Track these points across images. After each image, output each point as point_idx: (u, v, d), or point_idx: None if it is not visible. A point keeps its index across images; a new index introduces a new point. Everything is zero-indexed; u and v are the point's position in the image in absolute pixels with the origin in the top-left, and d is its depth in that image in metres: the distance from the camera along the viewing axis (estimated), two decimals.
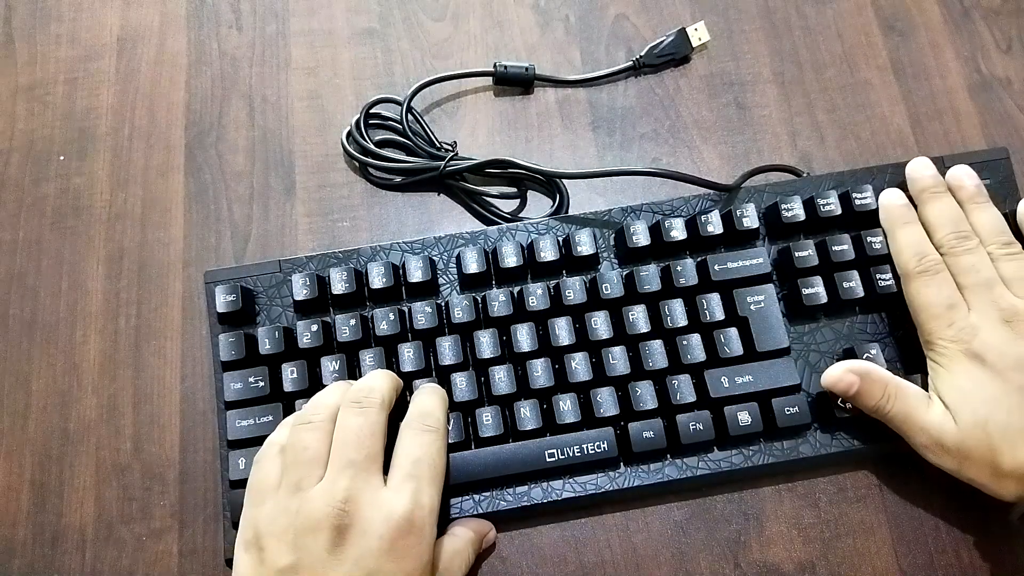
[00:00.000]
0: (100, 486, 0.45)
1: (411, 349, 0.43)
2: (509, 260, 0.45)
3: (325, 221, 0.50)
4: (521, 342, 0.43)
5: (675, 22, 0.55)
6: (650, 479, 0.43)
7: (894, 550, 0.44)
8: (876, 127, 0.52)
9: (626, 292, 0.44)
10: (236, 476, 0.42)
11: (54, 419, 0.46)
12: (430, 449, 0.37)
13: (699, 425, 0.42)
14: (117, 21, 0.55)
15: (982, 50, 0.54)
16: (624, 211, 0.47)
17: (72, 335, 0.48)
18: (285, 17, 0.55)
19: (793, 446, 0.43)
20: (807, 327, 0.45)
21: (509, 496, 0.42)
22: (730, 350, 0.43)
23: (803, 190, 0.47)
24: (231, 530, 0.42)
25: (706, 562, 0.43)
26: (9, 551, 0.44)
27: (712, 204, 0.47)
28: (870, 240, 0.45)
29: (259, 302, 0.46)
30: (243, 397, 0.43)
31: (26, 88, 0.53)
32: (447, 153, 0.50)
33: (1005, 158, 0.47)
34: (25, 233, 0.50)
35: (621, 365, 0.43)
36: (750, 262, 0.45)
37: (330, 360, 0.43)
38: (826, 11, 0.55)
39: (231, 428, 0.42)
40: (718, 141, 0.52)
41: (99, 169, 0.52)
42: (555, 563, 0.44)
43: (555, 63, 0.54)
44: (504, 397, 0.43)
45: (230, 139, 0.52)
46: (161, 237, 0.50)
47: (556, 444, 0.42)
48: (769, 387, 0.43)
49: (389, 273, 0.45)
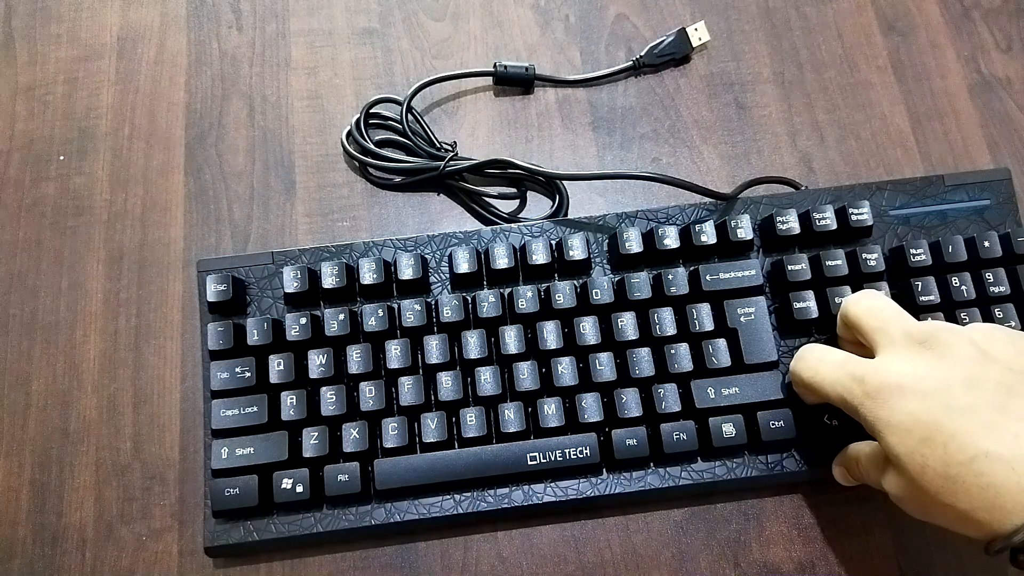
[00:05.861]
0: (100, 486, 0.45)
1: (398, 346, 0.43)
2: (500, 262, 0.45)
3: (325, 221, 0.50)
4: (508, 344, 0.43)
5: (675, 22, 0.55)
6: (632, 487, 0.43)
7: (894, 550, 0.44)
8: (876, 127, 0.52)
9: (616, 299, 0.44)
10: (218, 465, 0.42)
11: (54, 419, 0.46)
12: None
13: (683, 435, 0.42)
14: (117, 21, 0.55)
15: (982, 50, 0.54)
16: (619, 217, 0.47)
17: (72, 335, 0.48)
18: (285, 17, 0.55)
19: (777, 460, 0.43)
20: (797, 341, 0.45)
21: (490, 497, 0.42)
22: (718, 361, 0.43)
23: (800, 203, 0.47)
24: (211, 519, 0.42)
25: (706, 562, 0.43)
26: (9, 551, 0.44)
27: (708, 213, 0.47)
28: (864, 256, 0.44)
29: (251, 293, 0.46)
30: (229, 387, 0.43)
31: (26, 88, 0.53)
32: (447, 153, 0.50)
33: (1007, 179, 0.47)
34: (25, 233, 0.50)
35: (607, 371, 0.43)
36: (742, 273, 0.45)
37: (317, 354, 0.43)
38: (826, 11, 0.55)
39: (215, 417, 0.42)
40: (718, 141, 0.52)
41: (99, 169, 0.52)
42: (555, 563, 0.44)
43: (555, 63, 0.54)
44: (489, 398, 0.43)
45: (230, 139, 0.52)
46: (161, 237, 0.50)
47: (539, 448, 0.42)
48: (755, 400, 0.43)
49: (380, 269, 0.45)
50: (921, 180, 0.47)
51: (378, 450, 0.43)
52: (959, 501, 0.33)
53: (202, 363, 0.45)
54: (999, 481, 0.32)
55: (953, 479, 0.33)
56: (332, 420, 0.43)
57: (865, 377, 0.36)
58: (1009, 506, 0.31)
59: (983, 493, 0.32)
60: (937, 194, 0.47)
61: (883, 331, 0.38)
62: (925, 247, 0.44)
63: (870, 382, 0.36)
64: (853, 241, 0.46)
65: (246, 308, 0.45)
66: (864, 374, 0.36)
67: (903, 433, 0.34)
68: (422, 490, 0.42)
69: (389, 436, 0.42)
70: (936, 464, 0.33)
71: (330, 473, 0.42)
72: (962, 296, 0.44)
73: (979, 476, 0.32)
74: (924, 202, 0.47)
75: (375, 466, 0.42)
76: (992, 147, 0.52)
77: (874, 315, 0.39)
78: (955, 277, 0.44)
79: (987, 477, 0.32)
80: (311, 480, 0.42)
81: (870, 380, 0.36)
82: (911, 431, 0.34)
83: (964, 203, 0.47)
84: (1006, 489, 0.31)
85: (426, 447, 0.42)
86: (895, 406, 0.35)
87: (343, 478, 0.42)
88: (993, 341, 0.36)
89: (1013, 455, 0.32)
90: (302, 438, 0.42)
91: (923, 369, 0.35)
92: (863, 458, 0.39)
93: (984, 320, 0.44)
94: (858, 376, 0.37)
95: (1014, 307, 0.44)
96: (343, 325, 0.44)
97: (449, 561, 0.44)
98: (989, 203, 0.46)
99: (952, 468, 0.33)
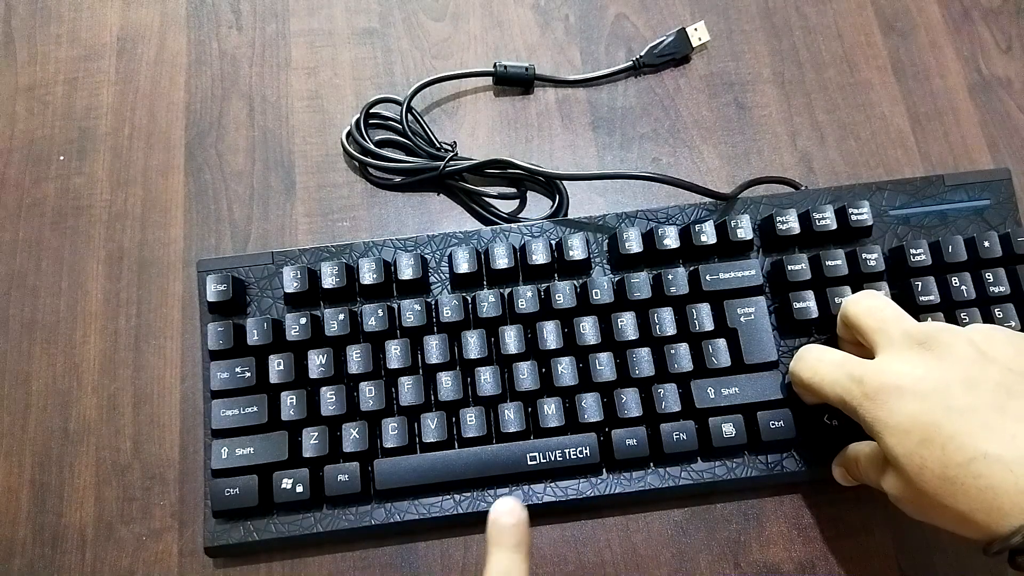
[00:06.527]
0: (100, 486, 0.45)
1: (398, 346, 0.43)
2: (500, 262, 0.45)
3: (325, 221, 0.50)
4: (508, 344, 0.43)
5: (675, 22, 0.55)
6: (632, 487, 0.43)
7: (894, 550, 0.44)
8: (876, 127, 0.52)
9: (616, 299, 0.44)
10: (218, 465, 0.42)
11: (54, 419, 0.46)
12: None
13: (683, 435, 0.42)
14: (117, 21, 0.55)
15: (982, 50, 0.54)
16: (619, 217, 0.47)
17: (72, 335, 0.48)
18: (285, 17, 0.55)
19: (777, 460, 0.43)
20: (797, 341, 0.45)
21: (490, 497, 0.42)
22: (717, 361, 0.43)
23: (800, 203, 0.47)
24: (211, 519, 0.42)
25: (706, 562, 0.43)
26: (9, 551, 0.44)
27: (708, 213, 0.47)
28: (864, 256, 0.44)
29: (250, 293, 0.46)
30: (229, 387, 0.43)
31: (26, 88, 0.53)
32: (447, 153, 0.50)
33: (1007, 179, 0.47)
34: (25, 233, 0.50)
35: (607, 371, 0.43)
36: (742, 273, 0.44)
37: (317, 354, 0.43)
38: (826, 11, 0.55)
39: (215, 417, 0.42)
40: (718, 141, 0.52)
41: (99, 169, 0.52)
42: (555, 563, 0.44)
43: (555, 63, 0.54)
44: (489, 398, 0.43)
45: (230, 139, 0.52)
46: (161, 237, 0.50)
47: (538, 448, 0.42)
48: (755, 400, 0.43)
49: (380, 269, 0.45)
50: (921, 180, 0.47)
51: (378, 450, 0.43)
52: (957, 503, 0.33)
53: (202, 363, 0.45)
54: (997, 483, 0.32)
55: (951, 480, 0.33)
56: (332, 420, 0.43)
57: (864, 378, 0.36)
58: (1007, 508, 0.31)
59: (981, 495, 0.32)
60: (937, 194, 0.47)
61: (882, 331, 0.38)
62: (925, 247, 0.44)
63: (869, 383, 0.36)
64: (853, 241, 0.46)
65: (246, 308, 0.45)
66: (863, 375, 0.36)
67: (902, 434, 0.34)
68: (422, 490, 0.42)
69: (389, 436, 0.42)
70: (934, 465, 0.33)
71: (330, 473, 0.42)
72: (962, 296, 0.44)
73: (977, 478, 0.32)
74: (924, 202, 0.47)
75: (375, 466, 0.42)
76: (992, 147, 0.52)
77: (873, 315, 0.39)
78: (955, 277, 0.44)
79: (985, 479, 0.32)
80: (311, 480, 0.42)
81: (869, 381, 0.36)
82: (910, 432, 0.34)
83: (964, 203, 0.47)
84: (1004, 491, 0.31)
85: (426, 447, 0.42)
86: (894, 407, 0.35)
87: (343, 478, 0.42)
88: (992, 342, 0.36)
89: (1011, 457, 0.32)
90: (302, 438, 0.42)
91: (922, 370, 0.35)
92: (863, 458, 0.39)
93: (984, 320, 0.44)
94: (857, 377, 0.36)
95: (1014, 307, 0.44)
96: (343, 325, 0.44)
97: (449, 561, 0.44)
98: (989, 203, 0.46)
99: (950, 469, 0.33)
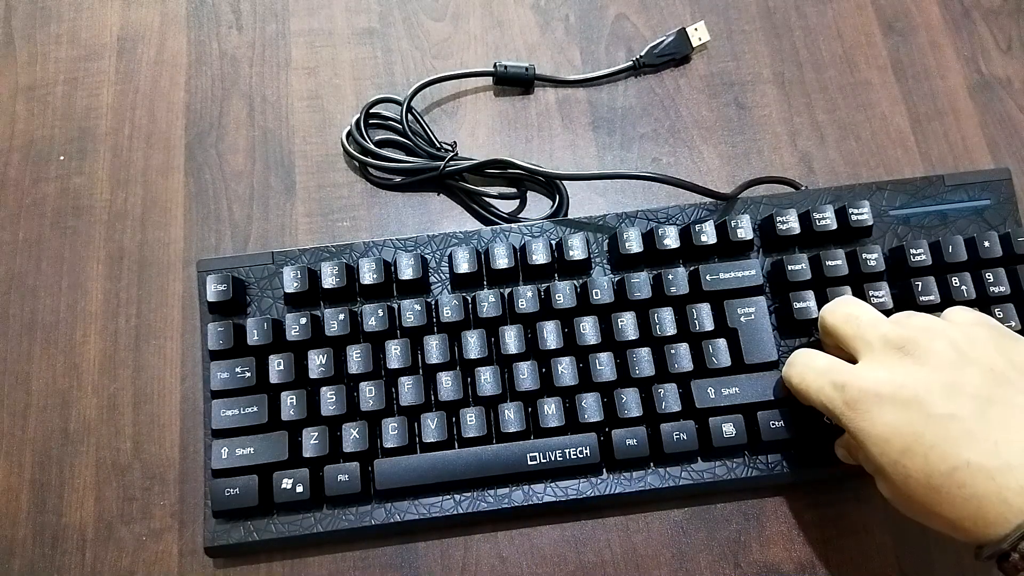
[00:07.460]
0: (100, 486, 0.45)
1: (398, 346, 0.43)
2: (500, 262, 0.45)
3: (325, 221, 0.50)
4: (508, 344, 0.43)
5: (675, 22, 0.55)
6: (632, 487, 0.43)
7: (894, 550, 0.44)
8: (876, 127, 0.52)
9: (616, 299, 0.44)
10: (218, 465, 0.42)
11: (54, 419, 0.46)
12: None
13: (683, 435, 0.42)
14: (117, 21, 0.55)
15: (982, 50, 0.54)
16: (619, 217, 0.47)
17: (72, 335, 0.48)
18: (285, 17, 0.55)
19: (777, 460, 0.43)
20: (797, 342, 0.45)
21: (490, 497, 0.42)
22: (718, 361, 0.43)
23: (800, 203, 0.47)
24: (211, 519, 0.42)
25: (706, 562, 0.43)
26: (9, 551, 0.44)
27: (708, 213, 0.47)
28: (865, 256, 0.44)
29: (251, 293, 0.46)
30: (229, 387, 0.43)
31: (26, 88, 0.53)
32: (447, 153, 0.50)
33: (1007, 179, 0.47)
34: (25, 233, 0.50)
35: (608, 371, 0.43)
36: (742, 273, 0.44)
37: (317, 354, 0.43)
38: (826, 11, 0.55)
39: (215, 417, 0.42)
40: (718, 141, 0.52)
41: (99, 169, 0.52)
42: (555, 563, 0.44)
43: (555, 63, 0.54)
44: (489, 398, 0.43)
45: (230, 139, 0.52)
46: (161, 237, 0.50)
47: (539, 448, 0.42)
48: (755, 400, 0.43)
49: (380, 269, 0.45)
50: (921, 180, 0.47)
51: (378, 450, 0.43)
52: (944, 510, 0.33)
53: (202, 363, 0.45)
54: (981, 492, 0.31)
55: (936, 489, 0.32)
56: (332, 420, 0.43)
57: (846, 386, 0.36)
58: (991, 517, 0.31)
59: (966, 504, 0.32)
60: (937, 194, 0.47)
61: (861, 338, 0.37)
62: (925, 247, 0.44)
63: (849, 391, 0.36)
64: (853, 241, 0.46)
65: (246, 308, 0.45)
66: (845, 383, 0.36)
67: (883, 443, 0.34)
68: (422, 490, 0.42)
69: (389, 436, 0.42)
70: (918, 475, 0.33)
71: (330, 473, 0.42)
72: (962, 296, 0.44)
73: (961, 487, 0.32)
74: (924, 202, 0.47)
75: (375, 466, 0.42)
76: (992, 147, 0.52)
77: (850, 323, 0.38)
78: (955, 277, 0.44)
79: (969, 488, 0.32)
80: (311, 480, 0.42)
81: (850, 389, 0.36)
82: (891, 442, 0.34)
83: (964, 203, 0.47)
84: (988, 500, 0.31)
85: (426, 447, 0.42)
86: (875, 417, 0.34)
87: (343, 478, 0.42)
88: (973, 342, 0.35)
89: (994, 465, 0.31)
90: (302, 438, 0.42)
91: (901, 376, 0.35)
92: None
93: None
94: (839, 384, 0.36)
95: (1014, 307, 0.44)
96: (343, 325, 0.44)
97: (449, 561, 0.44)
98: (989, 203, 0.46)
99: (934, 479, 0.33)
